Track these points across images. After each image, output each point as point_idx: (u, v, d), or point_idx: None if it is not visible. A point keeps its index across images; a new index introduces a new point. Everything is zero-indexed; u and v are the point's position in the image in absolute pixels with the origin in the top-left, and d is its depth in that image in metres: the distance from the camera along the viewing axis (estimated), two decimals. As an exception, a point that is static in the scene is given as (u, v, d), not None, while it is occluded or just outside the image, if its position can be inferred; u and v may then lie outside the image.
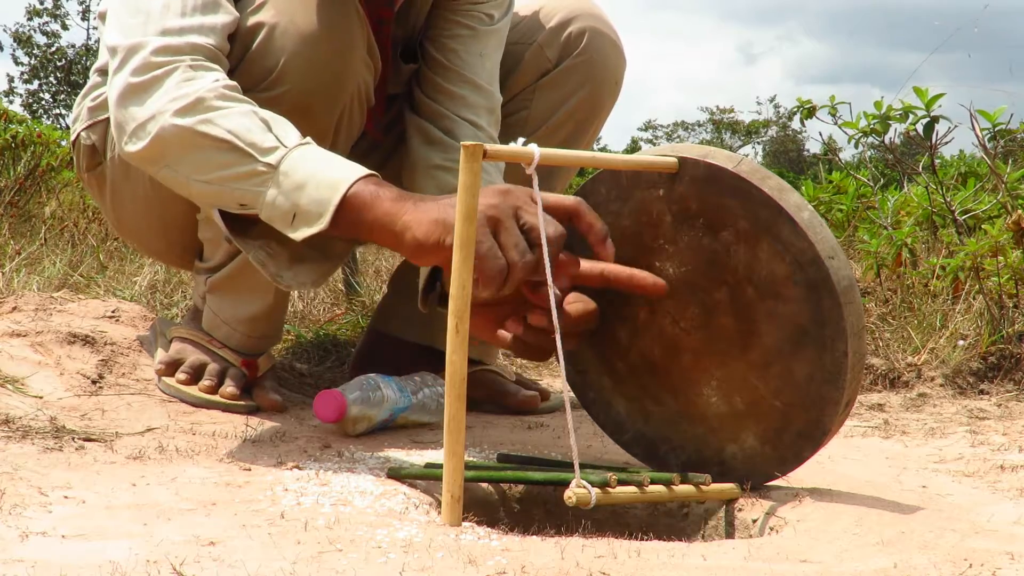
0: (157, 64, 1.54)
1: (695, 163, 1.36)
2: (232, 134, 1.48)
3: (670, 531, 1.41)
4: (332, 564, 1.06)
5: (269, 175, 1.46)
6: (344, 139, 1.77)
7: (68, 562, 1.03)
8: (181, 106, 1.51)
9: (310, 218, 1.43)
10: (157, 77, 1.53)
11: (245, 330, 1.87)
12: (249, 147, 1.48)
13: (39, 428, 1.57)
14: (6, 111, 4.72)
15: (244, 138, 1.48)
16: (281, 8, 1.65)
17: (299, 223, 1.44)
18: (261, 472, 1.42)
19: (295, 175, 1.45)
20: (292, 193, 1.44)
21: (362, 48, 1.71)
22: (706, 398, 1.42)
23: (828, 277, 1.30)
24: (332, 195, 1.41)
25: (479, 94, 1.87)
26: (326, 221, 1.41)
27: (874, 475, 1.57)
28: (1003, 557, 1.13)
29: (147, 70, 1.54)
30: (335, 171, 1.44)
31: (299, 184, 1.44)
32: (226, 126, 1.49)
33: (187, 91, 1.51)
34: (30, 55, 32.29)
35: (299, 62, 1.65)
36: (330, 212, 1.41)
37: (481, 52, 1.88)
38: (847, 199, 4.07)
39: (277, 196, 1.46)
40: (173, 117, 1.51)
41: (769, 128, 31.46)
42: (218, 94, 1.51)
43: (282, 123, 1.51)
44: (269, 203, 1.46)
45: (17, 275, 2.60)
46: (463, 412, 1.24)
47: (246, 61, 1.65)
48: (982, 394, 2.29)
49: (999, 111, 2.91)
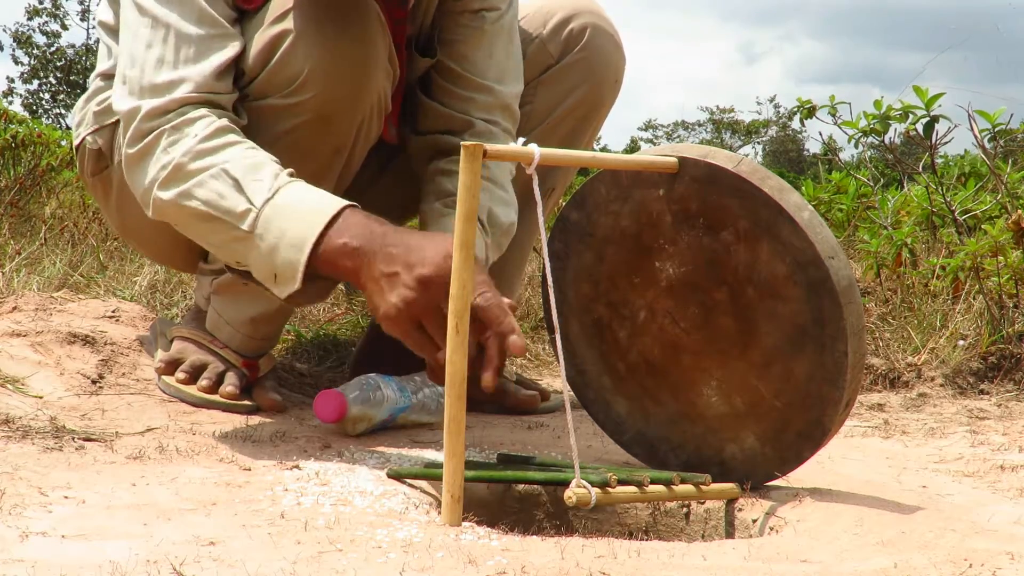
0: (147, 131, 1.60)
1: (695, 163, 1.36)
2: (208, 204, 1.53)
3: (670, 531, 1.41)
4: (332, 564, 1.06)
5: (249, 240, 1.50)
6: (361, 147, 1.78)
7: (68, 562, 1.03)
8: (163, 178, 1.57)
9: (286, 278, 1.49)
10: (148, 145, 1.59)
11: (248, 331, 1.87)
12: (226, 215, 1.52)
13: (39, 428, 1.57)
14: (6, 111, 4.72)
15: (219, 206, 1.52)
16: (306, 16, 1.65)
17: (280, 282, 1.50)
18: (261, 472, 1.42)
19: (268, 237, 1.49)
20: (268, 256, 1.49)
21: (384, 56, 1.71)
22: (706, 398, 1.42)
23: (828, 277, 1.30)
24: (299, 257, 1.46)
25: (491, 95, 1.87)
26: (298, 281, 1.47)
27: (874, 475, 1.57)
28: (1003, 557, 1.13)
29: (138, 139, 1.61)
30: (301, 226, 1.47)
31: (272, 247, 1.49)
32: (201, 196, 1.54)
33: (168, 159, 1.57)
34: (30, 55, 32.30)
35: (323, 70, 1.65)
36: (300, 273, 1.47)
37: (491, 52, 1.87)
38: (847, 199, 4.07)
39: (259, 259, 1.51)
40: (159, 191, 1.58)
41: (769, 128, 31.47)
42: (194, 154, 1.55)
43: (254, 174, 1.53)
44: (255, 265, 1.52)
45: (17, 275, 2.60)
46: (463, 412, 1.24)
47: (270, 68, 1.65)
48: (982, 394, 2.29)
49: (999, 112, 2.91)
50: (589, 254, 1.47)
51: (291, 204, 1.49)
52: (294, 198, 1.50)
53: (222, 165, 1.54)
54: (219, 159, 1.54)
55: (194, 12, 1.63)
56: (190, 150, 1.55)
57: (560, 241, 1.49)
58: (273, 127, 1.69)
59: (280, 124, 1.69)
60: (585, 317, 1.50)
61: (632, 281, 1.44)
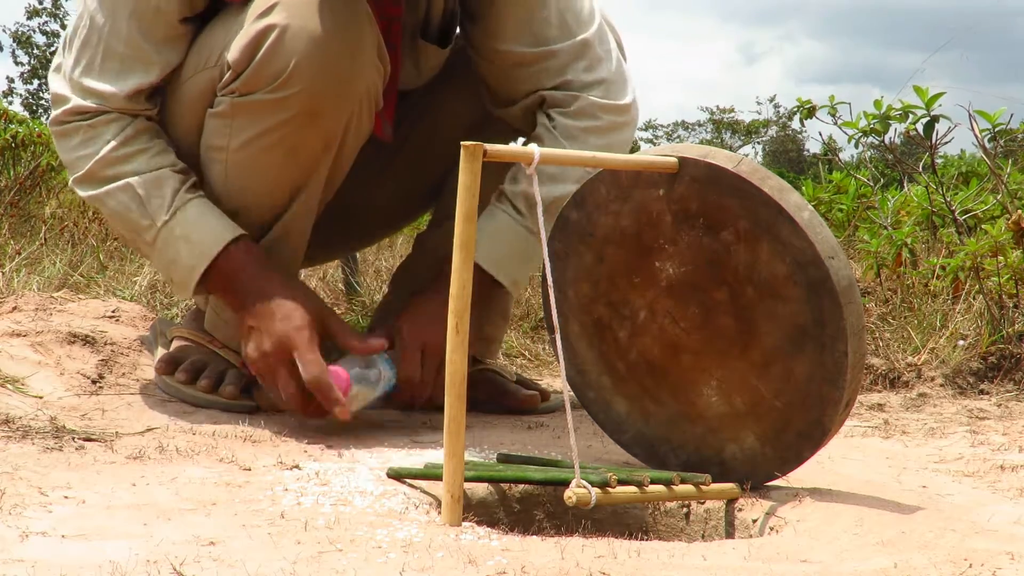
0: (67, 122, 1.76)
1: (695, 163, 1.36)
2: (117, 214, 1.75)
3: (670, 531, 1.41)
4: (332, 564, 1.06)
5: (151, 248, 1.75)
6: (351, 143, 1.78)
7: (68, 562, 1.03)
8: (78, 176, 1.76)
9: (179, 287, 1.77)
10: (67, 132, 1.76)
11: None
12: (132, 225, 1.75)
13: (39, 428, 1.56)
14: (6, 111, 4.71)
15: (126, 218, 1.74)
16: (292, 11, 1.65)
17: (174, 287, 1.80)
18: (261, 472, 1.42)
19: (167, 253, 1.74)
20: (166, 268, 1.76)
21: (372, 50, 1.71)
22: (706, 398, 1.42)
23: (828, 277, 1.30)
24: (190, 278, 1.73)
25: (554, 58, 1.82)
26: (190, 295, 1.78)
27: (874, 475, 1.57)
28: (1003, 557, 1.13)
29: (59, 124, 1.77)
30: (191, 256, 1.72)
31: (170, 261, 1.74)
32: (111, 206, 1.75)
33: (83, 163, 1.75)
34: (30, 55, 32.27)
35: (309, 64, 1.65)
36: (190, 292, 1.76)
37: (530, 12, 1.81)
38: (847, 199, 4.07)
39: (159, 266, 1.78)
40: (75, 184, 1.78)
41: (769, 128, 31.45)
42: (105, 162, 1.74)
43: (157, 190, 1.73)
44: (157, 267, 1.80)
45: (17, 275, 2.60)
46: (463, 412, 1.24)
47: (256, 63, 1.65)
48: (982, 394, 2.29)
49: (999, 112, 2.91)
50: (589, 254, 1.47)
51: (186, 232, 1.72)
52: (189, 224, 1.72)
53: (129, 179, 1.73)
54: (127, 169, 1.73)
55: (122, 32, 1.73)
56: (102, 158, 1.74)
57: (560, 241, 1.49)
58: (260, 123, 1.69)
59: (267, 120, 1.69)
60: (585, 317, 1.50)
61: (632, 281, 1.44)
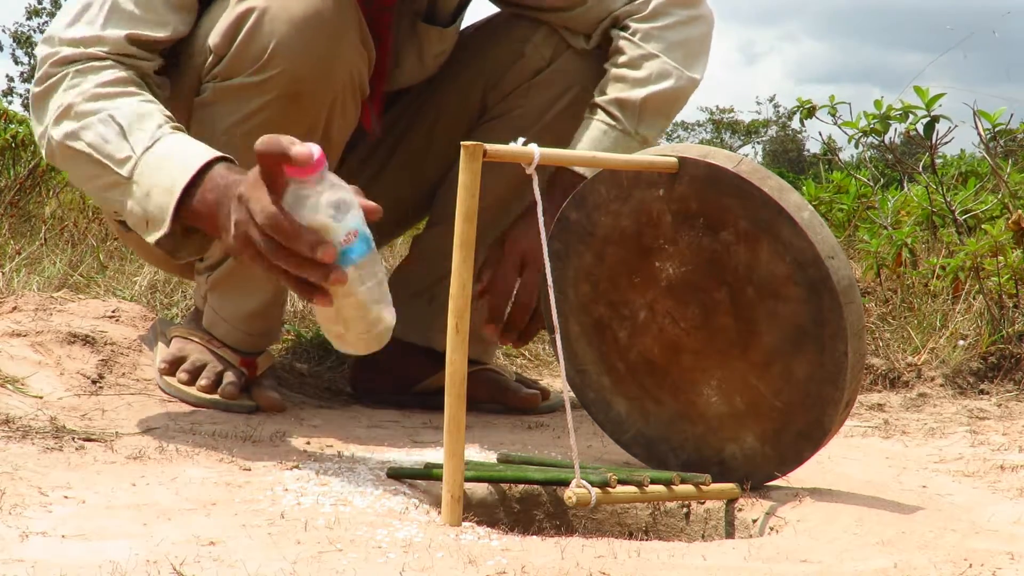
0: (53, 73, 1.64)
1: (695, 163, 1.36)
2: (91, 147, 1.57)
3: (670, 531, 1.41)
4: (332, 564, 1.06)
5: (126, 185, 1.54)
6: (337, 131, 1.76)
7: (68, 562, 1.03)
8: (55, 116, 1.61)
9: (156, 222, 1.51)
10: (51, 86, 1.63)
11: (244, 327, 1.87)
12: (107, 159, 1.56)
13: (39, 428, 1.56)
14: (6, 111, 4.71)
15: (102, 150, 1.56)
16: None
17: (151, 228, 1.52)
18: (261, 472, 1.42)
19: (144, 183, 1.52)
20: (142, 201, 1.52)
21: (354, 33, 1.70)
22: (706, 398, 1.42)
23: (828, 277, 1.30)
24: (169, 200, 1.48)
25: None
26: (167, 225, 1.49)
27: (874, 475, 1.57)
28: (1003, 557, 1.13)
29: (44, 80, 1.64)
30: (173, 173, 1.49)
31: (146, 192, 1.52)
32: (87, 139, 1.57)
33: (64, 100, 1.60)
34: (30, 55, 32.28)
35: (288, 46, 1.65)
36: (169, 216, 1.49)
37: None
38: (847, 199, 4.07)
39: (133, 206, 1.54)
40: (52, 128, 1.62)
41: (769, 128, 31.43)
42: (89, 96, 1.59)
43: (140, 123, 1.56)
44: (128, 212, 1.55)
45: (17, 275, 2.60)
46: (463, 412, 1.24)
47: (236, 46, 1.66)
48: (982, 394, 2.29)
49: (999, 112, 2.91)
50: (589, 254, 1.47)
51: (168, 153, 1.52)
52: (173, 147, 1.53)
53: (111, 111, 1.57)
54: (110, 105, 1.58)
55: None
56: (85, 92, 1.59)
57: (560, 241, 1.49)
58: (243, 107, 1.69)
59: (249, 104, 1.69)
60: (585, 317, 1.50)
61: (632, 281, 1.44)
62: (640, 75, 1.82)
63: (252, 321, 1.88)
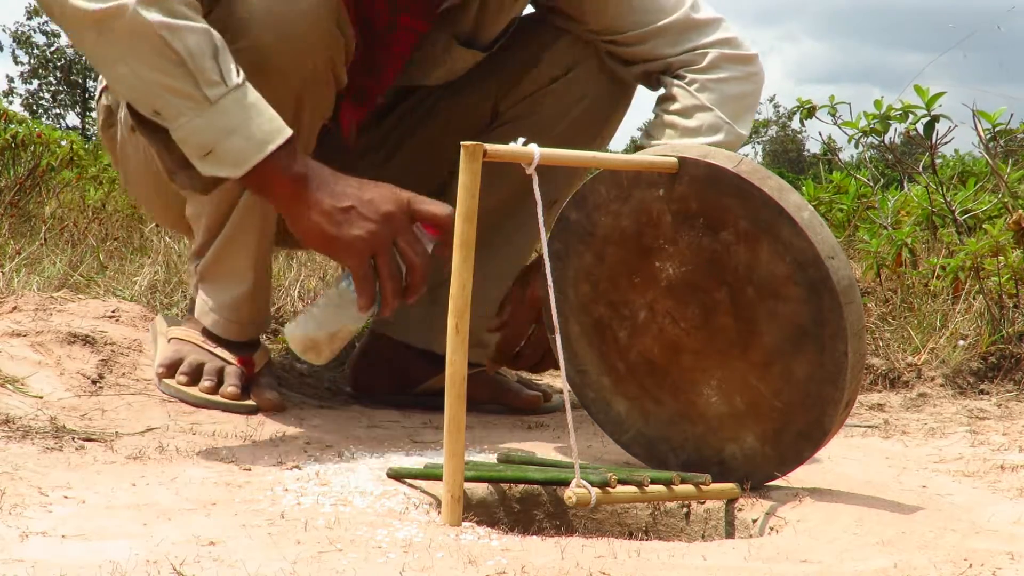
0: None
1: (695, 163, 1.36)
2: (187, 52, 1.51)
3: (670, 531, 1.41)
4: (332, 564, 1.06)
5: (203, 106, 1.50)
6: (309, 115, 1.74)
7: (68, 562, 1.03)
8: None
9: (224, 163, 1.51)
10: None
11: (229, 316, 1.88)
12: (197, 72, 1.50)
13: (39, 428, 1.56)
14: (6, 111, 4.72)
15: (196, 62, 1.51)
16: None
17: (212, 161, 1.52)
18: (261, 472, 1.42)
19: (227, 118, 1.50)
20: (218, 133, 1.50)
21: (327, 17, 1.67)
22: (706, 398, 1.42)
23: (828, 277, 1.30)
24: (256, 152, 1.50)
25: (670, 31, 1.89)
26: (240, 173, 1.51)
27: (874, 475, 1.57)
28: (1003, 557, 1.13)
29: None
30: (265, 128, 1.51)
31: (228, 128, 1.50)
32: (185, 41, 1.51)
33: None
34: (30, 55, 32.29)
35: (260, 20, 1.63)
36: (246, 167, 1.50)
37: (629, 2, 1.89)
38: (847, 199, 4.07)
39: (202, 128, 1.51)
40: (139, 5, 1.50)
41: (769, 128, 31.41)
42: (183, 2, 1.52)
43: (225, 55, 1.53)
44: (189, 129, 1.51)
45: (17, 275, 2.60)
46: (463, 412, 1.24)
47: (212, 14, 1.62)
48: (982, 394, 2.29)
49: (999, 112, 2.91)
50: (589, 254, 1.47)
51: (257, 103, 1.52)
52: (260, 101, 1.53)
53: (206, 27, 1.53)
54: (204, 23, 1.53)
55: None
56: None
57: (560, 241, 1.49)
58: None
59: None
60: (585, 317, 1.50)
61: (632, 281, 1.44)
62: (691, 124, 1.85)
63: (236, 309, 1.88)
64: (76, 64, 32.25)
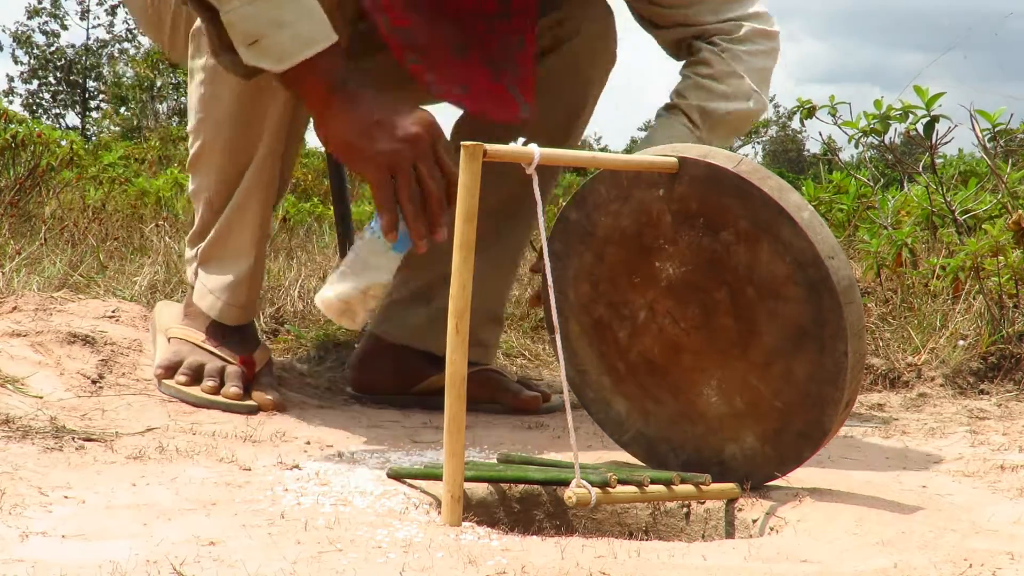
0: None
1: (695, 163, 1.36)
2: None
3: (670, 531, 1.41)
4: (332, 564, 1.06)
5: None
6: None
7: (68, 562, 1.03)
8: None
9: (269, 55, 1.54)
10: None
11: (226, 298, 1.89)
12: None
13: (39, 428, 1.56)
14: (6, 111, 4.72)
15: None
16: None
17: (256, 51, 1.54)
18: (261, 472, 1.42)
19: (278, 11, 1.52)
20: (267, 24, 1.52)
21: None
22: (706, 398, 1.42)
23: (828, 277, 1.30)
24: (302, 50, 1.53)
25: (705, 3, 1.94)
26: (281, 68, 1.54)
27: (874, 475, 1.57)
28: (1003, 557, 1.13)
29: None
30: (315, 27, 1.53)
31: (278, 22, 1.52)
32: None
33: None
34: (30, 55, 32.27)
35: None
36: (289, 64, 1.53)
37: None
38: (847, 199, 4.07)
39: (251, 16, 1.52)
40: None
41: (769, 128, 31.42)
42: None
43: None
44: (240, 15, 1.53)
45: (17, 275, 2.60)
46: (463, 412, 1.24)
47: None
48: (982, 394, 2.29)
49: (999, 112, 2.91)
50: (589, 254, 1.47)
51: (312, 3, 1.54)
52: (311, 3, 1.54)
53: None
54: None
55: None
56: None
57: (560, 241, 1.49)
58: None
59: None
60: (585, 317, 1.50)
61: (632, 281, 1.44)
62: (724, 89, 1.90)
63: (233, 291, 1.89)
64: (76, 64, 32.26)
